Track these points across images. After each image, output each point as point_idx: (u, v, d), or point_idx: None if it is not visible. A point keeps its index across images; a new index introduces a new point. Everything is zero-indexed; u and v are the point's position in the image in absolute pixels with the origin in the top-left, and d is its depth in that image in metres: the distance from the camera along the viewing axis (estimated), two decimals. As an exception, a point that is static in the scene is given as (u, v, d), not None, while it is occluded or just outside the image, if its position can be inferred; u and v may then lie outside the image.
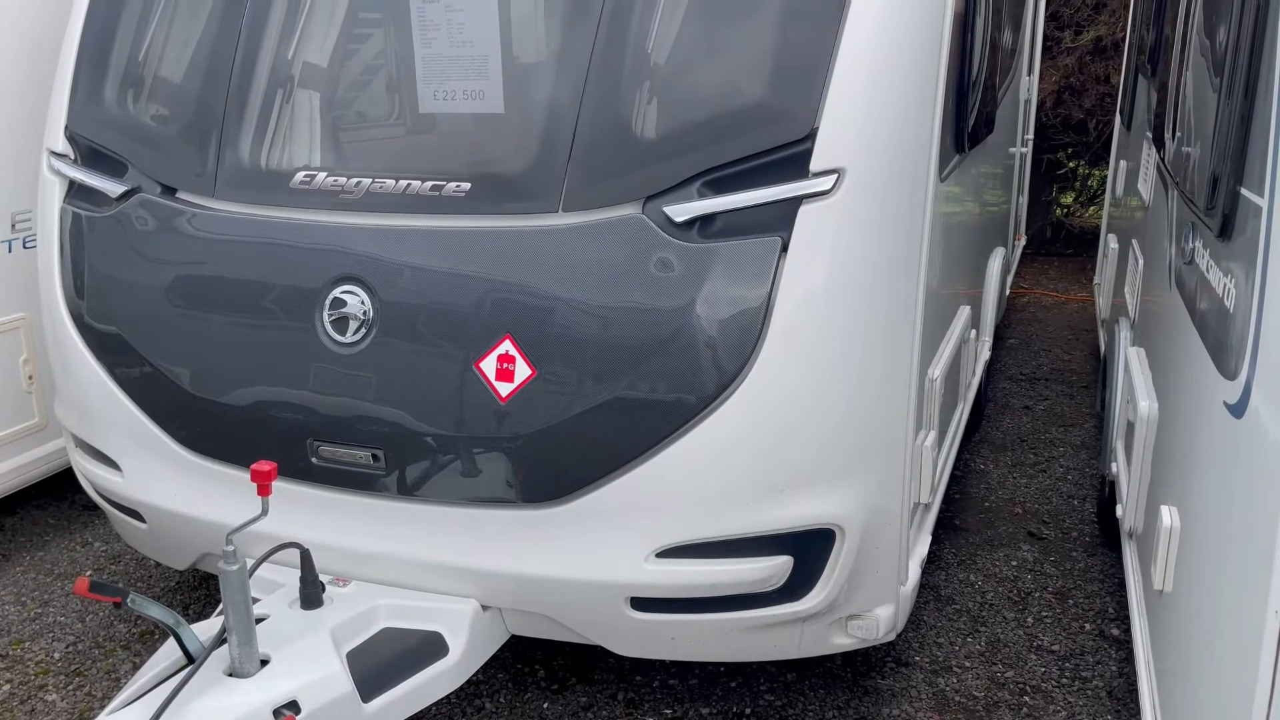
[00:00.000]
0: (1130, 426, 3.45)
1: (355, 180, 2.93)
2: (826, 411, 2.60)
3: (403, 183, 2.87)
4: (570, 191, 2.68)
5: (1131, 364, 3.66)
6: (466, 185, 2.80)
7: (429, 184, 2.84)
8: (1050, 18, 8.17)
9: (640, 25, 2.69)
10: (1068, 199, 10.09)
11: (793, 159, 2.52)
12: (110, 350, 3.22)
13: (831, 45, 2.50)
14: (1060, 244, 9.69)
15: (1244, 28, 2.06)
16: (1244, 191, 1.95)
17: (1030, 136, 7.47)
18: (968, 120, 3.22)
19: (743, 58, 2.59)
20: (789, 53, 2.54)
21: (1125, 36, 6.96)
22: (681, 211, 2.58)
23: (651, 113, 2.66)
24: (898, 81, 2.55)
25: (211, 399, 3.05)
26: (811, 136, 2.50)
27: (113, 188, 3.21)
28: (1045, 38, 7.91)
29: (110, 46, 3.34)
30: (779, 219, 2.53)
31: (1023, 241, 8.08)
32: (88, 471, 3.46)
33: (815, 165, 2.50)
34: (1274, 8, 1.92)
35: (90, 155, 3.34)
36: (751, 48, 2.58)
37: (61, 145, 3.38)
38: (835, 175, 2.49)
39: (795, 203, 2.51)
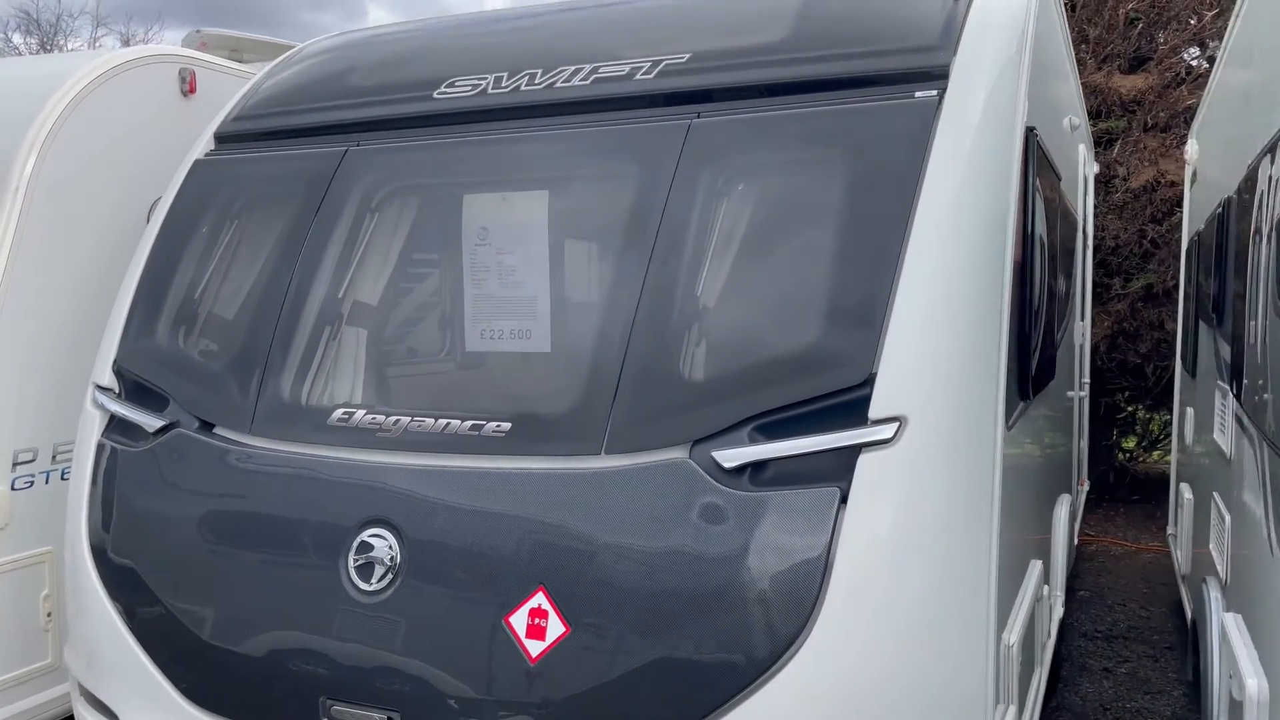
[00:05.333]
0: (1236, 706, 3.06)
1: (394, 418, 2.84)
2: (895, 684, 2.31)
3: (442, 421, 2.78)
4: (614, 433, 2.55)
5: (1230, 632, 3.30)
6: (507, 425, 2.69)
7: (469, 423, 2.74)
8: (1098, 265, 8.24)
9: (690, 266, 2.65)
10: (1129, 443, 9.80)
11: (850, 405, 2.38)
12: (125, 589, 3.07)
13: (889, 287, 2.41)
14: (1125, 490, 9.32)
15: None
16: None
17: (1087, 381, 7.33)
18: (1031, 365, 3.09)
19: (796, 300, 2.51)
20: (844, 295, 2.46)
21: (1178, 284, 6.93)
22: (731, 457, 2.43)
23: (700, 354, 2.57)
24: (960, 325, 2.44)
25: (222, 646, 2.85)
26: (870, 382, 2.37)
27: (150, 422, 3.16)
28: (1095, 284, 7.94)
29: (166, 288, 3.40)
30: (837, 468, 2.36)
31: (1086, 487, 7.77)
32: (87, 723, 3.21)
33: (875, 412, 2.35)
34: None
35: (135, 390, 3.33)
36: (805, 290, 2.51)
37: (108, 380, 3.38)
38: (897, 423, 2.33)
39: (854, 451, 2.35)
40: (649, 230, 2.74)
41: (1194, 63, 8.61)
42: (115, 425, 3.30)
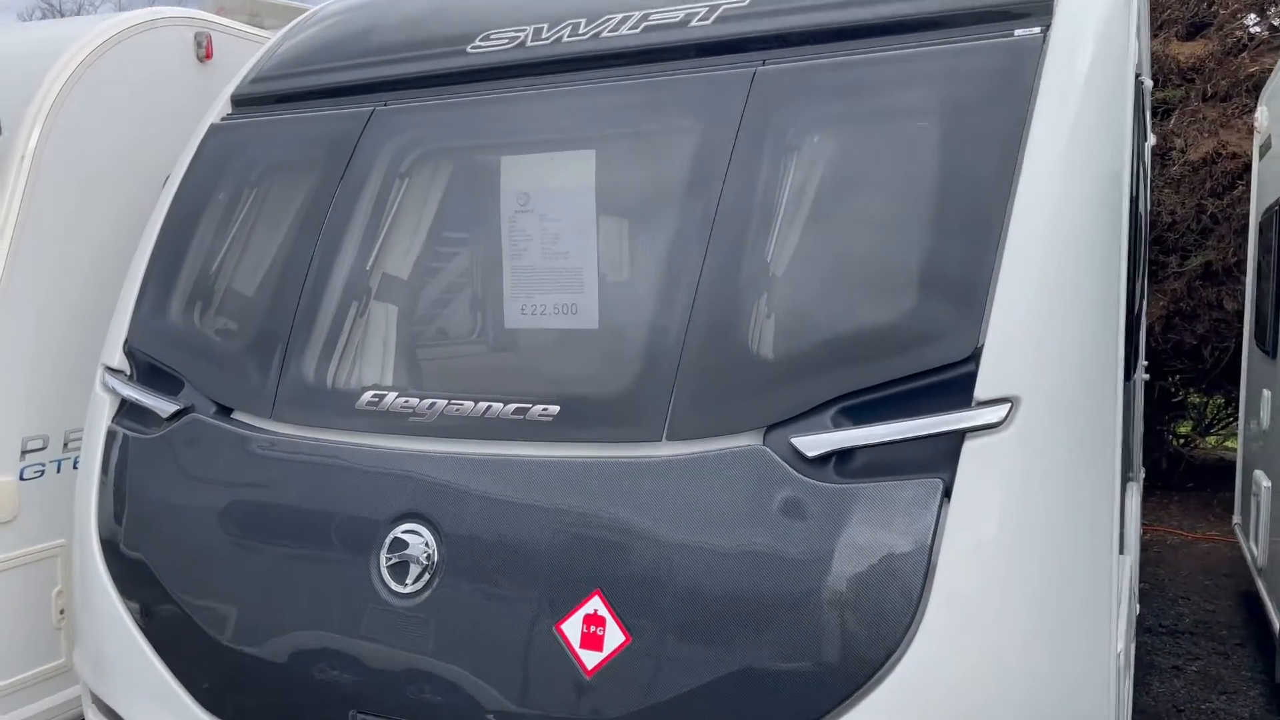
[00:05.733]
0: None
1: (428, 401, 2.56)
2: (1007, 703, 2.02)
3: (482, 405, 2.50)
4: (676, 417, 2.27)
5: (1350, 635, 2.99)
6: (554, 409, 2.41)
7: (511, 407, 2.46)
8: (1154, 242, 7.88)
9: (759, 231, 2.35)
10: (1184, 428, 9.43)
11: (952, 384, 2.08)
12: (137, 587, 2.83)
13: (994, 250, 2.10)
14: (1180, 477, 8.96)
15: None
16: None
17: (1146, 363, 7.00)
18: (1135, 340, 2.78)
19: (884, 266, 2.21)
20: (942, 260, 2.15)
21: (1244, 261, 6.57)
22: (813, 444, 2.13)
23: (774, 328, 2.27)
24: (1076, 294, 2.13)
25: (241, 651, 2.60)
26: (975, 357, 2.06)
27: (164, 406, 2.91)
28: (1150, 262, 7.58)
29: (180, 263, 3.15)
30: (937, 457, 2.06)
31: (1143, 474, 7.44)
32: (98, 733, 2.97)
33: (981, 392, 2.05)
34: None
35: (147, 372, 3.07)
36: (894, 255, 2.21)
37: (119, 361, 3.13)
38: (1008, 405, 2.03)
39: (958, 437, 2.04)
40: (711, 192, 2.45)
41: (1255, 29, 8.20)
42: (126, 410, 3.05)
